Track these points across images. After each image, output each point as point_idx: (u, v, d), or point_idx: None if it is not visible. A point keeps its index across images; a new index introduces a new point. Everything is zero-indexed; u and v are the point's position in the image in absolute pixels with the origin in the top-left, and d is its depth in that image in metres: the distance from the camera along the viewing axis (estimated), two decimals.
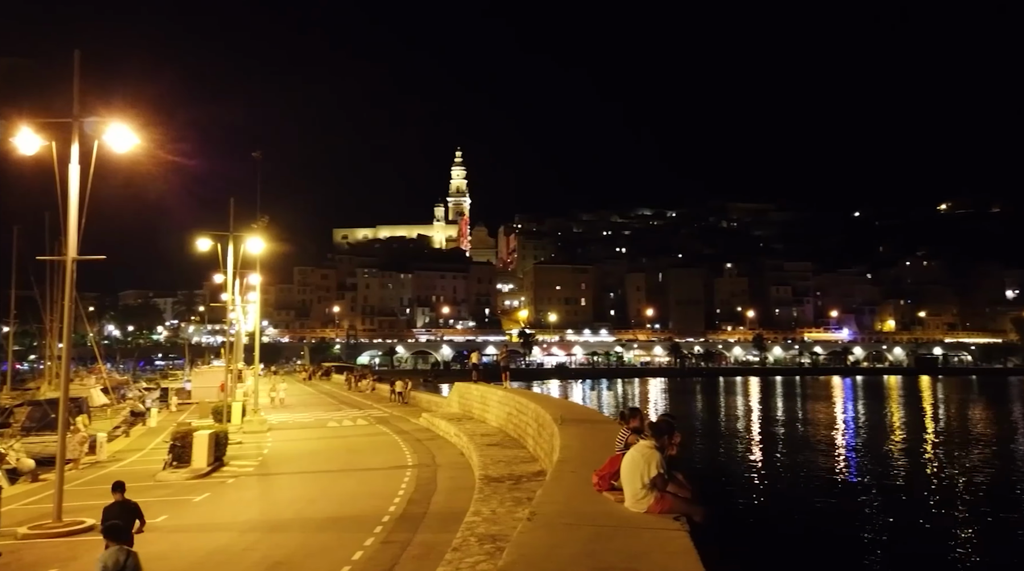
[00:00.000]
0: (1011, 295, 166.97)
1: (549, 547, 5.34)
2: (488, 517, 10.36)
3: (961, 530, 19.57)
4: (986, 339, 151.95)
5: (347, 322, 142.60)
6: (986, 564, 16.68)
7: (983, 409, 57.40)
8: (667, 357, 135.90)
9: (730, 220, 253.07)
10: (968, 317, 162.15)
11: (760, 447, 36.13)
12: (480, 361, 34.83)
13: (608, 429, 12.93)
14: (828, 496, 23.98)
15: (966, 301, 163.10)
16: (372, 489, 15.97)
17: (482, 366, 33.52)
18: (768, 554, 17.42)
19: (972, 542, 18.45)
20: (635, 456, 6.66)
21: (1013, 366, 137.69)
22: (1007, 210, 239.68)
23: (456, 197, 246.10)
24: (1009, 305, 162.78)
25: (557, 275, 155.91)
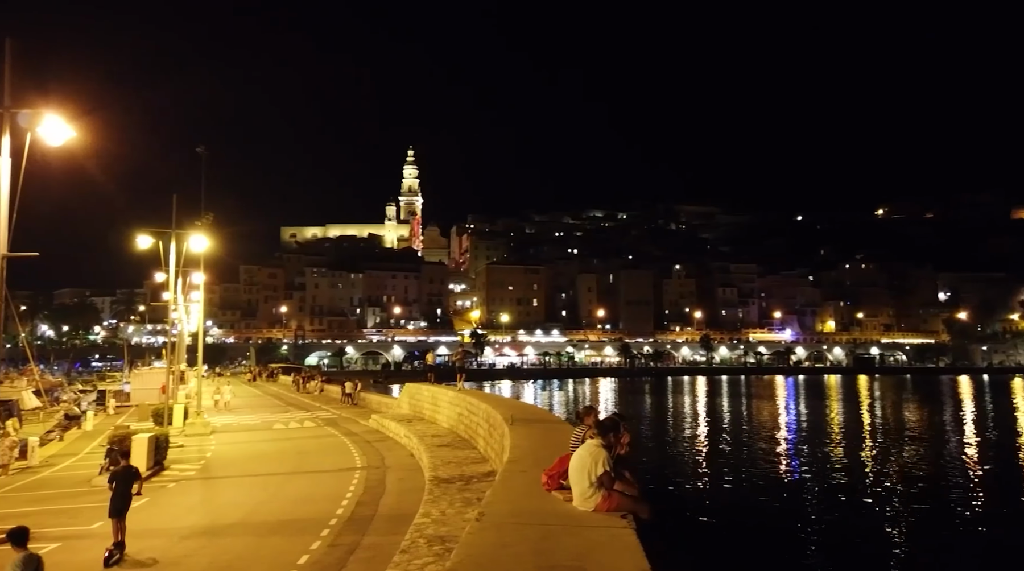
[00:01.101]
0: (943, 297, 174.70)
1: (497, 547, 5.34)
2: (437, 518, 10.31)
3: (896, 525, 20.36)
4: (919, 339, 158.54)
5: (295, 322, 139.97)
6: (918, 557, 17.38)
7: (916, 407, 59.84)
8: (617, 357, 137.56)
9: (679, 222, 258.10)
10: (903, 318, 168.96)
11: (706, 445, 36.90)
12: (435, 362, 34.53)
13: (559, 429, 13.02)
14: (771, 493, 24.63)
15: (901, 303, 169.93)
16: (320, 492, 15.72)
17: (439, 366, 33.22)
18: (713, 549, 17.81)
19: (906, 536, 19.19)
20: (583, 455, 6.71)
21: (944, 365, 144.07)
22: (939, 216, 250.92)
23: (408, 196, 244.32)
24: (941, 307, 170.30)
25: (509, 275, 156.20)
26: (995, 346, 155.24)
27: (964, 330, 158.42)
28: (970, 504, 22.79)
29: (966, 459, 32.02)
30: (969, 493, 24.58)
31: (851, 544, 18.34)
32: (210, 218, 33.46)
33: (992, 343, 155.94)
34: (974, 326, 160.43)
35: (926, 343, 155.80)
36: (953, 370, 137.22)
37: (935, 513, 21.28)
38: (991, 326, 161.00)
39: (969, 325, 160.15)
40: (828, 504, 22.66)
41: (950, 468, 29.55)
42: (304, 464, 19.90)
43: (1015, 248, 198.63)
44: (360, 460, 20.01)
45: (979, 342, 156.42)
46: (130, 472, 11.93)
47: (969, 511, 21.86)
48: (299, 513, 13.75)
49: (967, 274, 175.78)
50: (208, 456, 22.01)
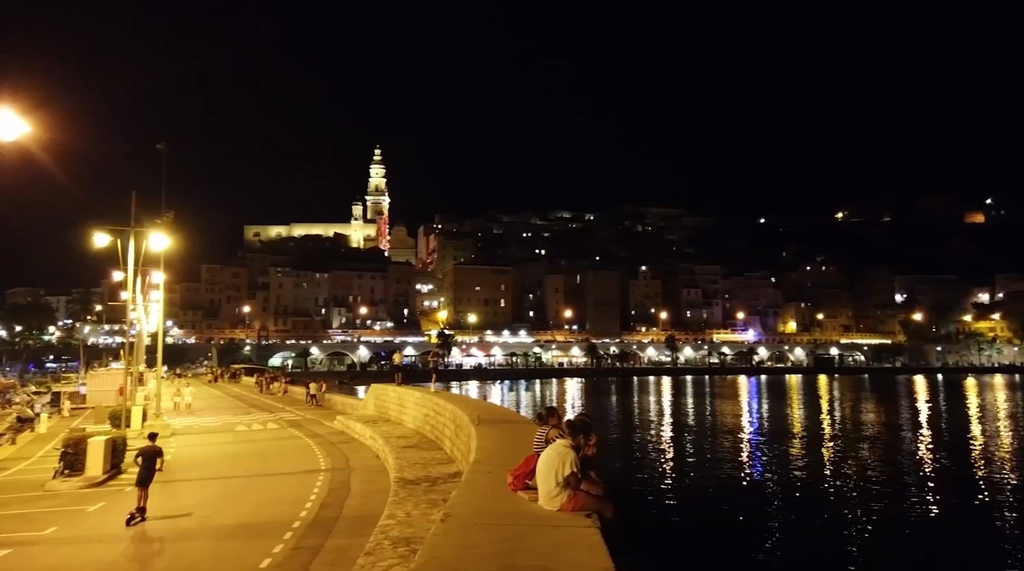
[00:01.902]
0: (899, 299, 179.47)
1: (462, 548, 5.32)
2: (403, 520, 10.25)
3: (854, 523, 20.81)
4: (877, 340, 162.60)
5: (258, 323, 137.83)
6: (875, 554, 17.79)
7: (874, 407, 61.32)
8: (584, 357, 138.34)
9: (645, 224, 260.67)
10: (861, 319, 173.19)
11: (670, 445, 37.30)
12: (402, 362, 34.13)
13: (525, 429, 13.03)
14: (734, 492, 25.00)
15: (859, 304, 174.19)
16: (283, 494, 15.49)
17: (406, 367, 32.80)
18: (677, 548, 18.01)
19: (863, 534, 19.64)
20: (551, 455, 6.73)
21: (900, 365, 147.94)
22: (896, 219, 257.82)
23: (375, 196, 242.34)
24: (898, 308, 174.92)
25: (477, 276, 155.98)
26: (948, 347, 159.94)
27: (919, 331, 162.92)
28: (925, 501, 23.42)
29: (921, 458, 32.91)
30: (924, 491, 25.26)
31: (811, 542, 18.70)
32: (171, 216, 32.78)
33: (946, 344, 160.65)
34: (929, 327, 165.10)
35: (883, 344, 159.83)
36: (909, 370, 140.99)
37: (891, 511, 21.82)
38: (945, 327, 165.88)
39: (924, 326, 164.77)
40: (789, 503, 23.08)
41: (906, 467, 30.34)
42: (267, 466, 19.60)
43: (968, 251, 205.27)
44: (324, 462, 19.78)
45: (933, 343, 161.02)
46: (154, 451, 14.01)
47: (924, 508, 22.46)
48: (261, 516, 13.53)
49: (922, 276, 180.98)
50: (167, 459, 21.47)
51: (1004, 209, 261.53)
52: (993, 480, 26.94)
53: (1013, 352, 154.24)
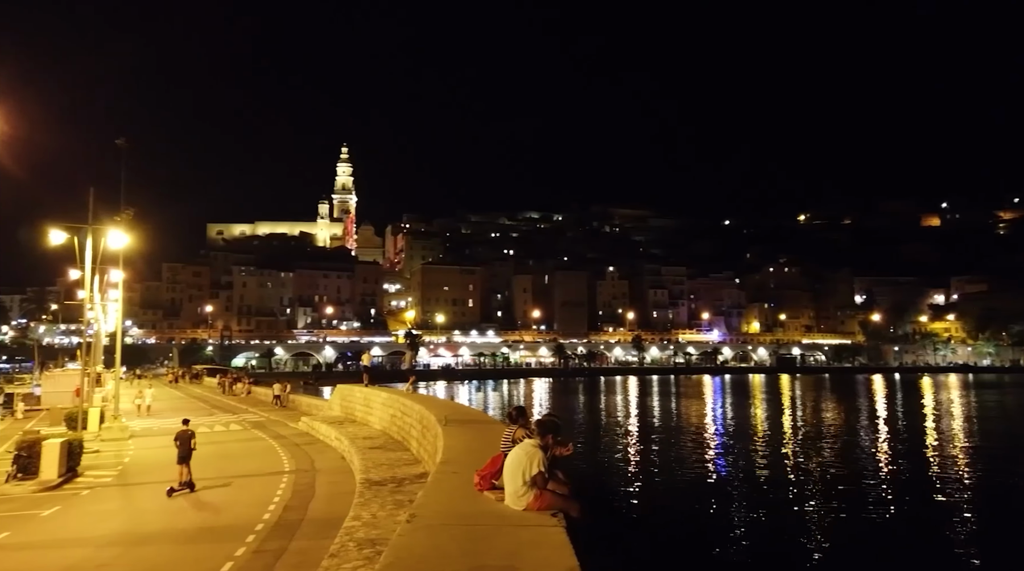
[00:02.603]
0: (859, 300, 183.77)
1: (427, 548, 5.29)
2: (368, 521, 10.16)
3: (814, 519, 21.24)
4: (837, 340, 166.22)
5: (221, 322, 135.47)
6: (835, 549, 18.17)
7: (834, 405, 62.69)
8: (552, 357, 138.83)
9: (612, 225, 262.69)
10: (822, 320, 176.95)
11: (636, 444, 37.65)
12: (372, 362, 33.72)
13: (492, 430, 13.02)
14: (699, 491, 25.31)
15: (820, 305, 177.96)
16: (245, 497, 15.25)
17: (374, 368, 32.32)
18: (642, 546, 18.18)
19: (823, 529, 20.05)
20: (518, 454, 6.74)
21: (860, 365, 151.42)
22: (856, 222, 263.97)
23: (342, 194, 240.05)
24: (857, 309, 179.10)
25: (445, 276, 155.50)
26: (906, 347, 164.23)
27: (878, 331, 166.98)
28: (882, 499, 24.00)
29: (878, 456, 33.74)
30: (880, 488, 25.89)
31: (774, 540, 19.03)
32: (130, 213, 32.02)
33: (903, 344, 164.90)
34: (887, 327, 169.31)
35: (843, 344, 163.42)
36: (868, 369, 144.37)
37: (850, 508, 22.32)
38: (902, 328, 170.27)
39: (882, 327, 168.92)
40: (753, 501, 23.45)
41: (863, 465, 31.05)
42: (229, 468, 19.27)
43: (925, 254, 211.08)
44: (289, 463, 19.52)
45: (891, 343, 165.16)
46: (187, 433, 16.41)
47: (881, 506, 23.01)
48: (223, 519, 13.31)
49: (881, 278, 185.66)
50: (126, 461, 21.06)
51: (959, 213, 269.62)
52: (946, 477, 27.75)
53: (967, 352, 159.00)
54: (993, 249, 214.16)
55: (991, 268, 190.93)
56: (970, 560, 17.13)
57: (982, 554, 17.53)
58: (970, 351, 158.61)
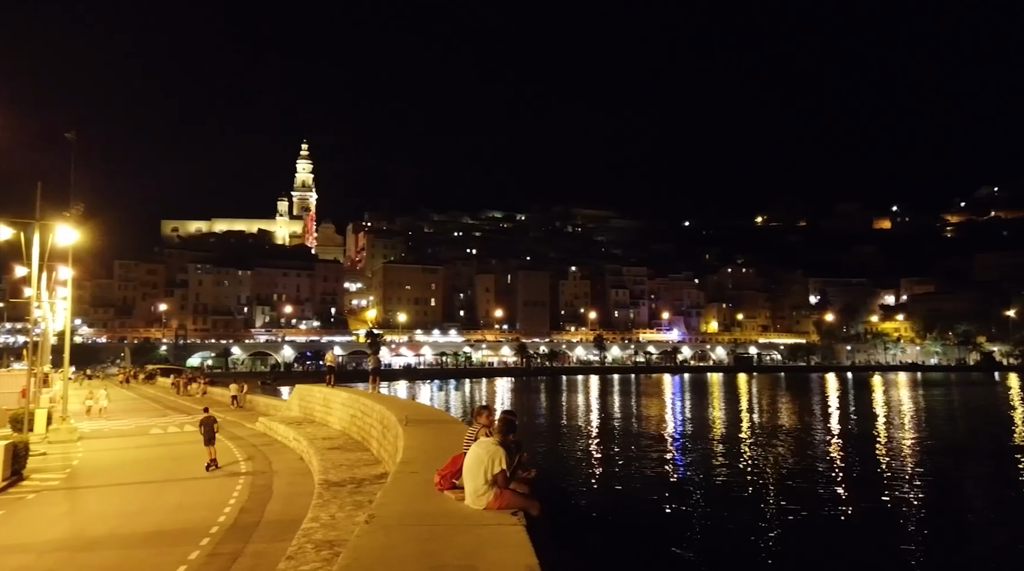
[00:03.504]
0: (813, 300, 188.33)
1: (385, 549, 5.25)
2: (327, 523, 10.04)
3: (770, 516, 21.69)
4: (792, 340, 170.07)
5: (176, 321, 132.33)
6: (791, 546, 18.58)
7: (790, 403, 64.13)
8: (514, 357, 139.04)
9: (574, 225, 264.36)
10: (778, 320, 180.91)
11: (597, 443, 37.95)
12: (336, 363, 32.93)
13: (453, 429, 13.00)
14: (658, 489, 25.62)
15: (776, 305, 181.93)
16: (200, 499, 14.91)
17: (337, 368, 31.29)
18: (601, 544, 18.33)
19: (778, 527, 20.48)
20: (479, 452, 6.73)
21: (814, 364, 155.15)
22: (811, 225, 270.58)
23: (302, 191, 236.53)
24: (811, 309, 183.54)
25: (407, 275, 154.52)
26: (857, 346, 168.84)
27: (831, 331, 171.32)
28: (835, 494, 24.62)
29: (832, 452, 34.61)
30: (834, 484, 26.58)
31: (732, 536, 19.34)
32: (80, 208, 31.08)
33: (855, 343, 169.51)
34: (840, 327, 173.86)
35: (798, 343, 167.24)
36: (821, 368, 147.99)
37: (806, 504, 22.85)
38: (854, 327, 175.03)
39: (835, 326, 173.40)
40: (712, 499, 23.82)
41: (818, 461, 31.81)
42: (183, 470, 18.83)
43: (876, 256, 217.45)
44: (245, 465, 19.17)
45: (844, 342, 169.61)
46: (210, 419, 18.79)
47: (835, 501, 23.61)
48: (176, 522, 12.99)
49: (834, 279, 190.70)
50: (74, 464, 20.41)
51: (908, 217, 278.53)
52: (895, 473, 28.60)
53: (915, 351, 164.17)
54: (940, 252, 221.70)
55: (938, 270, 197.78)
56: (918, 554, 17.69)
57: (930, 548, 18.12)
58: (918, 350, 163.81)
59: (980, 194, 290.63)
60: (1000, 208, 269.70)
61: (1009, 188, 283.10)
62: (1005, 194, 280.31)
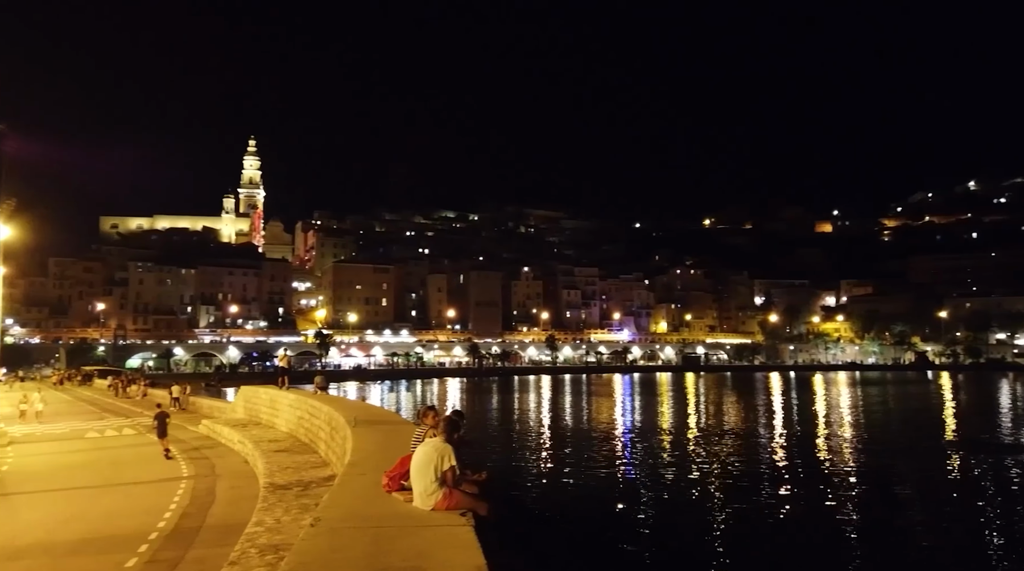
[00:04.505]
0: (758, 301, 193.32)
1: (331, 552, 5.16)
2: (271, 527, 9.82)
3: (717, 514, 22.15)
4: (738, 340, 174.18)
5: (115, 321, 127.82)
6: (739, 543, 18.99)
7: (735, 402, 65.67)
8: (466, 357, 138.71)
9: (527, 226, 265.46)
10: (724, 320, 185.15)
11: (547, 443, 38.15)
12: (289, 364, 31.81)
13: (403, 430, 12.86)
14: (607, 488, 25.89)
15: (723, 306, 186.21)
16: (139, 505, 14.41)
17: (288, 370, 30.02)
18: (550, 544, 18.41)
19: (726, 524, 20.92)
20: (428, 451, 6.68)
21: (759, 364, 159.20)
22: (756, 227, 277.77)
23: (249, 188, 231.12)
24: (757, 310, 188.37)
25: (357, 274, 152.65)
26: (800, 346, 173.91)
27: (775, 331, 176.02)
28: (779, 491, 25.29)
29: (776, 449, 35.57)
30: (778, 481, 27.30)
31: (680, 536, 19.64)
32: (12, 204, 29.72)
33: (798, 343, 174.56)
34: (783, 327, 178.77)
35: (744, 343, 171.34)
36: (766, 368, 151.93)
37: (750, 500, 23.42)
38: (797, 328, 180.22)
39: (779, 327, 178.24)
40: (660, 497, 24.19)
41: (762, 459, 32.66)
42: (121, 475, 18.17)
43: (817, 258, 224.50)
44: (187, 469, 18.61)
45: (787, 342, 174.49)
46: (163, 414, 20.75)
47: (779, 498, 24.25)
48: (113, 529, 12.51)
49: (778, 281, 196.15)
50: (3, 470, 19.48)
51: (848, 220, 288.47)
52: (833, 469, 29.57)
53: (854, 351, 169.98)
54: (878, 254, 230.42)
55: (876, 272, 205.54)
56: (857, 547, 18.30)
57: (865, 540, 18.77)
58: (857, 350, 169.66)
59: (915, 199, 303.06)
60: (934, 213, 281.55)
61: (942, 194, 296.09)
62: (938, 200, 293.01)
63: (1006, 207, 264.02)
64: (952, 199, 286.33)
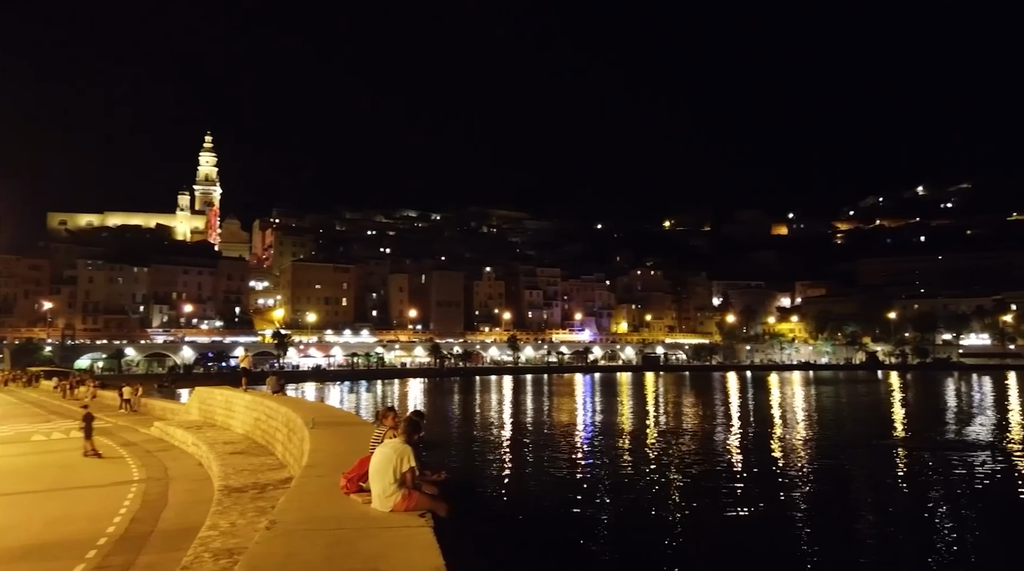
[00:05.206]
0: (716, 302, 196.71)
1: (287, 555, 5.07)
2: (226, 530, 9.62)
3: (676, 513, 22.45)
4: (697, 340, 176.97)
5: (64, 321, 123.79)
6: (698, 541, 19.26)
7: (693, 401, 66.68)
8: (428, 357, 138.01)
9: (489, 226, 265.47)
10: (683, 320, 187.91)
11: (508, 443, 38.18)
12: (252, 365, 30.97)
13: (362, 431, 12.72)
14: (567, 488, 26.01)
15: (682, 306, 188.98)
16: (87, 510, 13.96)
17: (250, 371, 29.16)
18: (510, 545, 18.43)
19: (686, 522, 21.21)
20: (387, 452, 6.62)
21: (716, 363, 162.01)
22: (714, 229, 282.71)
23: (205, 185, 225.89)
24: (714, 311, 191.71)
25: (317, 274, 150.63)
26: (756, 346, 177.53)
27: (732, 332, 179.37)
28: (736, 488, 25.74)
29: (732, 447, 36.23)
30: (735, 478, 27.79)
31: (639, 535, 19.84)
32: None
33: (754, 343, 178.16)
34: (740, 328, 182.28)
35: (702, 343, 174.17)
36: (723, 367, 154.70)
37: (708, 498, 23.80)
38: (754, 328, 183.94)
39: (736, 327, 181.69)
40: (620, 496, 24.40)
41: (719, 457, 33.22)
42: (68, 479, 17.59)
43: (773, 260, 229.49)
44: (138, 472, 18.11)
45: (744, 342, 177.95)
46: (90, 416, 20.84)
47: (736, 496, 24.68)
48: (59, 535, 12.10)
49: (735, 282, 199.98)
50: None
51: (803, 223, 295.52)
52: (786, 466, 30.25)
53: (808, 351, 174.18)
54: (831, 257, 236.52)
55: (829, 274, 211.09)
56: (809, 542, 18.74)
57: (820, 536, 19.24)
58: (811, 350, 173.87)
59: (866, 203, 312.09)
60: (884, 217, 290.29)
61: (891, 198, 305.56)
62: (888, 204, 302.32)
63: (952, 212, 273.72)
64: (901, 204, 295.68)
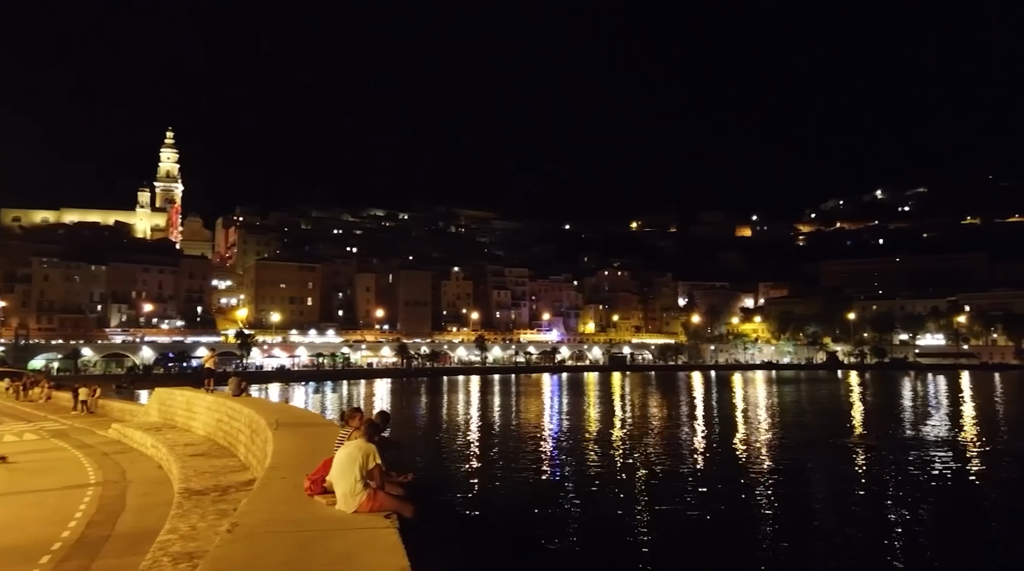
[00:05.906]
0: (682, 303, 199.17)
1: (248, 558, 4.99)
2: (186, 534, 9.43)
3: (643, 511, 22.64)
4: (662, 340, 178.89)
5: (16, 320, 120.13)
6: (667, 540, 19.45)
7: (659, 401, 67.40)
8: (395, 357, 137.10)
9: (458, 225, 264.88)
10: (649, 321, 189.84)
11: (474, 443, 38.13)
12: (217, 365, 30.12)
13: (327, 432, 12.59)
14: (534, 487, 26.07)
15: (648, 307, 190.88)
16: (40, 514, 13.56)
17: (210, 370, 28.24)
18: (475, 545, 18.41)
19: (654, 521, 21.40)
20: (351, 451, 6.57)
21: (682, 363, 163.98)
22: (680, 231, 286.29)
23: (166, 182, 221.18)
24: (680, 311, 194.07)
25: (282, 273, 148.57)
26: (720, 346, 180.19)
27: (697, 332, 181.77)
28: (701, 489, 26.09)
29: (697, 446, 36.71)
30: (699, 478, 28.16)
31: (607, 535, 19.94)
32: None
33: (719, 343, 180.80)
34: (705, 328, 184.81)
35: (667, 343, 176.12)
36: (688, 367, 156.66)
37: (677, 497, 24.06)
38: (718, 328, 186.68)
39: (701, 327, 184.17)
40: (586, 496, 24.49)
41: (685, 456, 33.61)
42: (20, 483, 17.05)
43: (737, 261, 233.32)
44: (95, 475, 17.64)
45: (709, 342, 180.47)
46: None
47: (701, 495, 25.01)
48: (11, 540, 11.73)
49: (700, 283, 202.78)
50: None
51: (766, 225, 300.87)
52: (750, 465, 30.75)
53: (771, 350, 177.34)
54: (793, 258, 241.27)
55: (791, 275, 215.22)
56: (772, 539, 19.07)
57: (783, 533, 19.59)
58: (773, 350, 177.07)
59: (827, 206, 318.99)
60: (844, 219, 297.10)
61: (851, 202, 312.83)
62: (849, 207, 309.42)
63: (909, 215, 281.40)
64: (860, 206, 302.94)
